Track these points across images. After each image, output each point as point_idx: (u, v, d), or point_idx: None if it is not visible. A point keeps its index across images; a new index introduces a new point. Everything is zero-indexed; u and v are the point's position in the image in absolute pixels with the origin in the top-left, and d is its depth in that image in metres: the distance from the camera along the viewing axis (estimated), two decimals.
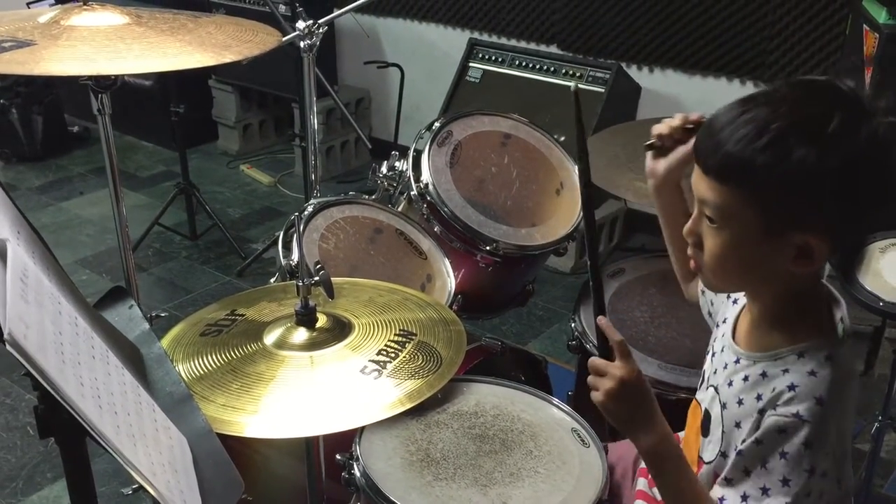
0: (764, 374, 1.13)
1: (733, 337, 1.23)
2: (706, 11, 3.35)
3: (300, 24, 2.23)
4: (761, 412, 1.11)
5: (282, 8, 3.55)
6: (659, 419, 1.17)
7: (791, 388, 1.08)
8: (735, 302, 1.29)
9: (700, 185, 1.08)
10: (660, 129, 1.37)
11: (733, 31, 3.30)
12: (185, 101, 3.57)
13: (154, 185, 4.37)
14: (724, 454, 1.19)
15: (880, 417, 2.06)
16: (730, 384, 1.19)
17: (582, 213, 1.25)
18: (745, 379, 1.16)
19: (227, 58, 1.61)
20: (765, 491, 1.08)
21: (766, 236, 1.05)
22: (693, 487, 1.16)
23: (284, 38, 2.03)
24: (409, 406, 1.23)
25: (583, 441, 1.50)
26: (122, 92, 1.78)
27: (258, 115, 4.77)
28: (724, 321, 1.30)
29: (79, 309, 0.93)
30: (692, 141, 1.22)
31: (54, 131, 4.70)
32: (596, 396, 1.17)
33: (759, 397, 1.13)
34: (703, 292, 1.45)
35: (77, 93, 4.58)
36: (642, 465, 1.46)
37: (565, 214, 2.10)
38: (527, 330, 3.15)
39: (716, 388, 1.23)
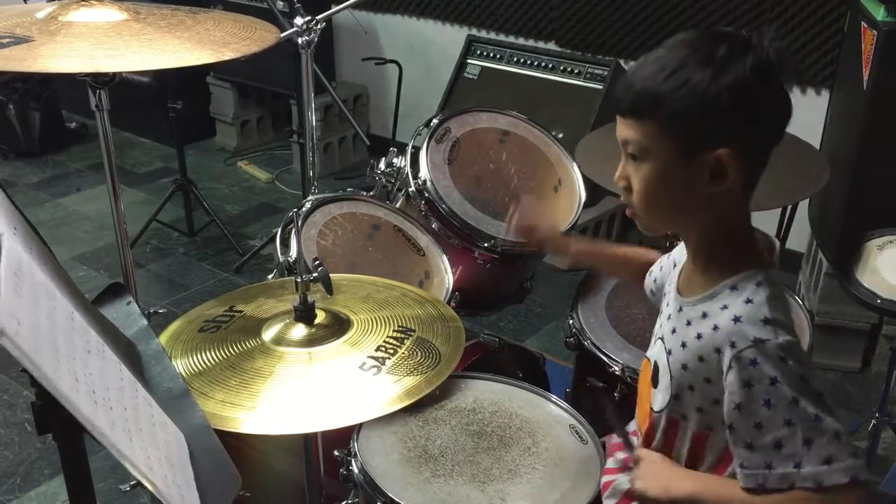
0: (704, 315, 1.19)
1: (678, 290, 1.29)
2: (704, 8, 3.35)
3: (298, 21, 2.23)
4: (718, 351, 1.15)
5: (279, 4, 3.54)
6: (679, 468, 1.26)
7: (735, 320, 1.14)
8: (675, 266, 1.36)
9: (621, 129, 1.19)
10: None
11: (731, 28, 3.29)
12: (182, 97, 3.56)
13: (152, 182, 4.37)
14: (676, 397, 1.24)
15: (877, 414, 2.06)
16: (673, 331, 1.25)
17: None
18: (688, 323, 1.22)
19: (226, 55, 1.61)
20: (789, 423, 1.09)
21: (682, 160, 1.15)
22: (739, 495, 1.17)
23: (282, 35, 2.03)
24: (407, 403, 1.23)
25: (581, 438, 1.50)
26: (120, 88, 1.78)
27: (256, 111, 4.77)
28: (669, 285, 1.36)
29: (75, 304, 0.93)
30: (544, 223, 1.65)
31: (52, 127, 4.70)
32: (637, 490, 1.27)
33: (699, 336, 1.18)
34: (648, 273, 1.50)
35: (74, 89, 4.56)
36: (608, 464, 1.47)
37: (564, 211, 2.10)
38: (525, 327, 3.15)
39: (662, 339, 1.28)
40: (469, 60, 3.90)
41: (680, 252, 1.39)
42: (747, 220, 1.23)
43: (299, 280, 1.33)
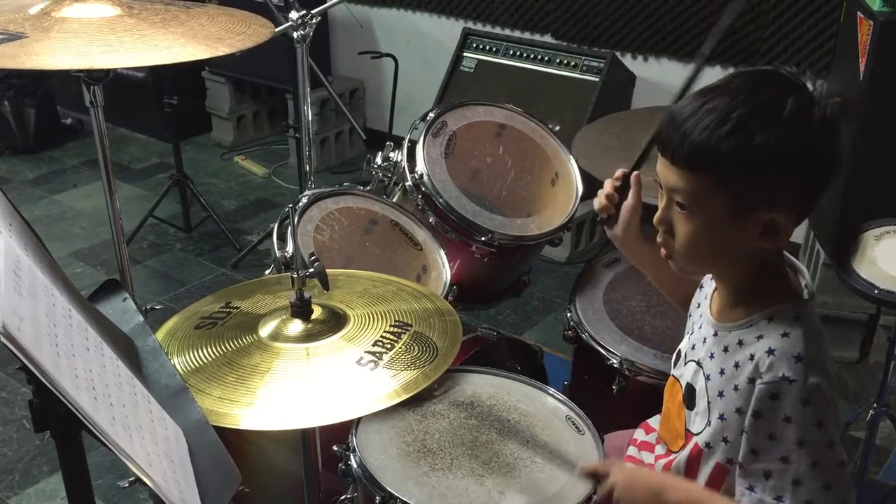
0: (740, 343, 1.19)
1: (710, 312, 1.28)
2: (698, 0, 3.34)
3: (293, 15, 2.22)
4: (750, 381, 1.15)
5: None
6: (664, 479, 1.28)
7: (769, 352, 1.13)
8: (703, 286, 1.36)
9: (668, 175, 1.14)
10: (599, 202, 1.48)
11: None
12: (178, 92, 3.55)
13: (148, 177, 4.36)
14: (708, 423, 1.24)
15: (875, 405, 2.06)
16: (711, 356, 1.24)
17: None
18: (725, 350, 1.21)
19: (221, 51, 1.60)
20: (785, 459, 1.11)
21: (736, 216, 1.12)
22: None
23: (277, 29, 2.02)
24: (405, 397, 1.23)
25: (578, 429, 1.50)
26: (115, 83, 1.78)
27: (252, 106, 4.75)
28: (698, 306, 1.36)
29: (72, 301, 0.92)
30: (632, 197, 1.44)
31: (47, 123, 4.68)
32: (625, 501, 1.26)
33: (737, 365, 1.18)
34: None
35: (69, 85, 4.56)
36: (629, 452, 1.49)
37: (561, 205, 2.10)
38: (523, 320, 3.15)
39: (698, 363, 1.27)
40: (465, 54, 3.89)
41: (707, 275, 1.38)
42: (781, 253, 1.21)
43: (296, 276, 1.32)
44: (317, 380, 1.26)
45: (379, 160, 2.08)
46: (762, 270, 1.19)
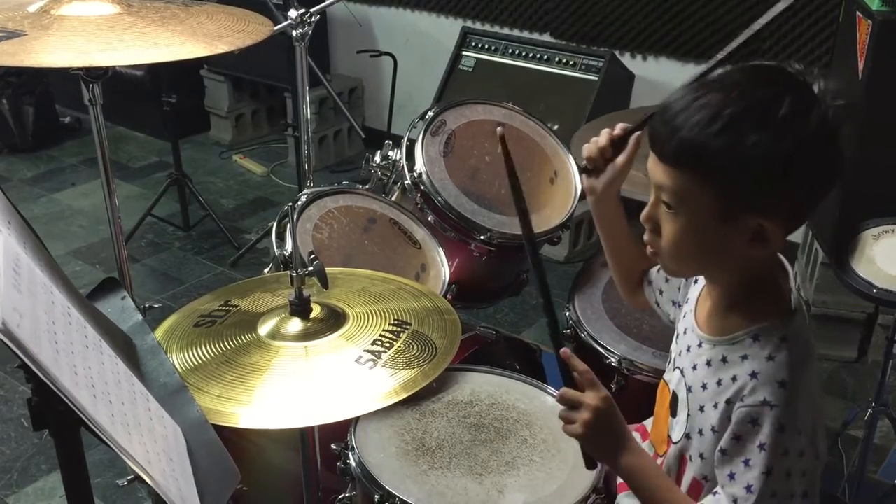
0: (724, 360, 1.15)
1: (696, 320, 1.25)
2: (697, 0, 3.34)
3: (292, 13, 2.22)
4: (729, 403, 1.13)
5: None
6: (630, 436, 1.19)
7: (753, 375, 1.10)
8: (696, 281, 1.30)
9: (656, 170, 1.10)
10: (589, 150, 1.39)
11: (727, 17, 3.29)
12: (176, 90, 3.55)
13: (146, 176, 4.36)
14: (688, 436, 1.21)
15: (873, 404, 2.07)
16: (694, 368, 1.21)
17: (530, 259, 1.29)
18: (708, 364, 1.18)
19: (220, 49, 1.60)
20: (749, 488, 1.09)
21: (722, 220, 1.06)
22: (678, 495, 1.19)
23: (276, 27, 2.02)
24: (403, 396, 1.23)
25: None
26: (114, 82, 1.77)
27: (251, 104, 4.75)
28: (686, 301, 1.31)
29: (71, 299, 0.92)
30: (623, 156, 1.35)
31: (45, 122, 4.67)
32: (573, 430, 1.16)
33: (719, 382, 1.15)
34: (648, 283, 1.46)
35: (68, 83, 4.54)
36: None
37: (559, 203, 2.10)
38: (521, 319, 3.15)
39: (682, 371, 1.25)
40: (464, 52, 3.89)
41: None
42: (775, 264, 1.17)
43: (295, 274, 1.32)
44: (316, 378, 1.26)
45: (378, 159, 2.08)
46: (753, 282, 1.14)
